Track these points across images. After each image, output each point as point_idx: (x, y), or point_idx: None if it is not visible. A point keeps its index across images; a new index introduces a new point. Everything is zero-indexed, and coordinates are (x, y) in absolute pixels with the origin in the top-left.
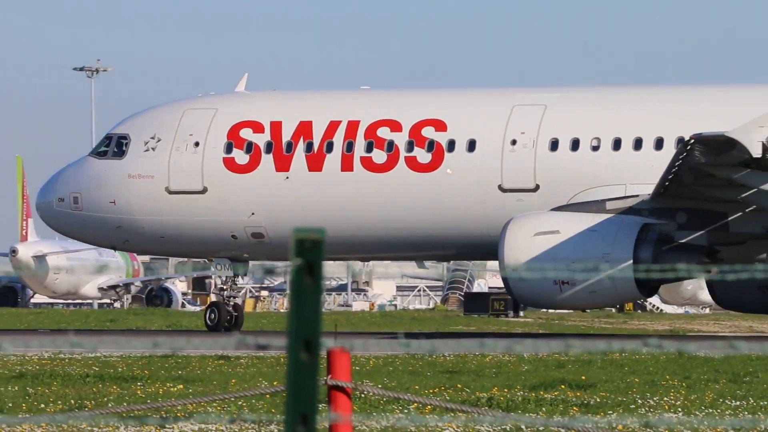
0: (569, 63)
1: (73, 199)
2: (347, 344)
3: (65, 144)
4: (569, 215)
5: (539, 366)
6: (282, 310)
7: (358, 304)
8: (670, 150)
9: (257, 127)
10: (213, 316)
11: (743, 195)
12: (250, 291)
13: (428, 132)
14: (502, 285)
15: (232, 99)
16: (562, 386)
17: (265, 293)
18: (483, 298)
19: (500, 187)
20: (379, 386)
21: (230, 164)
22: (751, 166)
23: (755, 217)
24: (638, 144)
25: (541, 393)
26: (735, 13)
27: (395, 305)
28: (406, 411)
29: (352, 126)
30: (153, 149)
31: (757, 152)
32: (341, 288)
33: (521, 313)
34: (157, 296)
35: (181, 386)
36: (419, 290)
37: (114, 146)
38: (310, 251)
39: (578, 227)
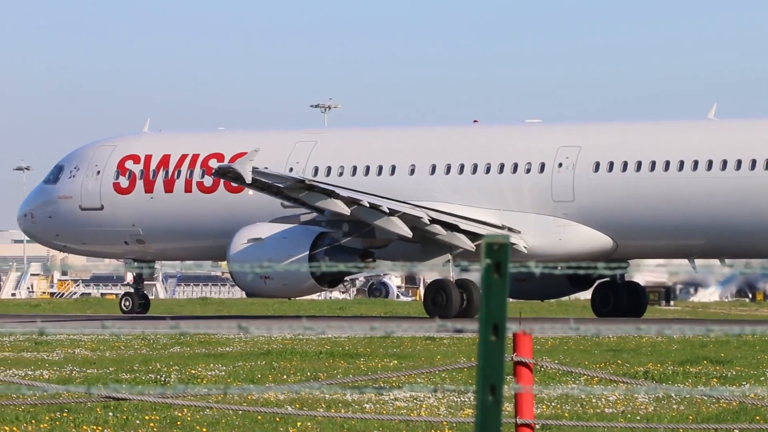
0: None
1: (31, 215)
2: (529, 328)
3: None
4: (274, 226)
5: (686, 346)
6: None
7: None
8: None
9: (136, 159)
10: (128, 303)
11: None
12: None
13: None
14: (657, 280)
15: (128, 138)
16: (705, 362)
17: None
18: None
19: (282, 204)
20: (555, 362)
21: (117, 188)
22: (315, 189)
23: (381, 229)
24: (368, 170)
25: (688, 367)
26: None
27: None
28: (577, 382)
29: (195, 158)
30: (74, 176)
31: (249, 179)
32: None
33: (672, 303)
34: (377, 289)
35: (396, 361)
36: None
37: (55, 174)
38: (497, 253)
39: (276, 235)
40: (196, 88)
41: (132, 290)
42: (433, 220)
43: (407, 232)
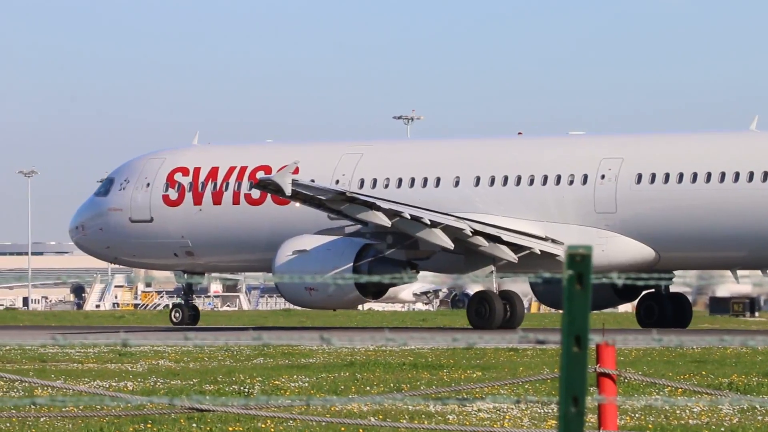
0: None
1: (82, 227)
2: (612, 339)
3: None
4: (319, 237)
5: None
6: (559, 312)
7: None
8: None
9: (185, 172)
10: (177, 315)
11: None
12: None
13: None
14: (742, 290)
15: (178, 151)
16: None
17: None
18: (725, 302)
19: (329, 216)
20: (639, 373)
21: (166, 200)
22: (356, 201)
23: (426, 240)
24: (413, 182)
25: None
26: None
27: None
28: (661, 393)
29: (242, 170)
30: (124, 189)
31: (289, 191)
32: None
33: (757, 314)
34: (459, 300)
35: (479, 373)
36: None
37: (106, 187)
38: (579, 264)
39: (320, 247)
40: (250, 100)
41: (182, 302)
42: (476, 232)
43: (449, 244)
